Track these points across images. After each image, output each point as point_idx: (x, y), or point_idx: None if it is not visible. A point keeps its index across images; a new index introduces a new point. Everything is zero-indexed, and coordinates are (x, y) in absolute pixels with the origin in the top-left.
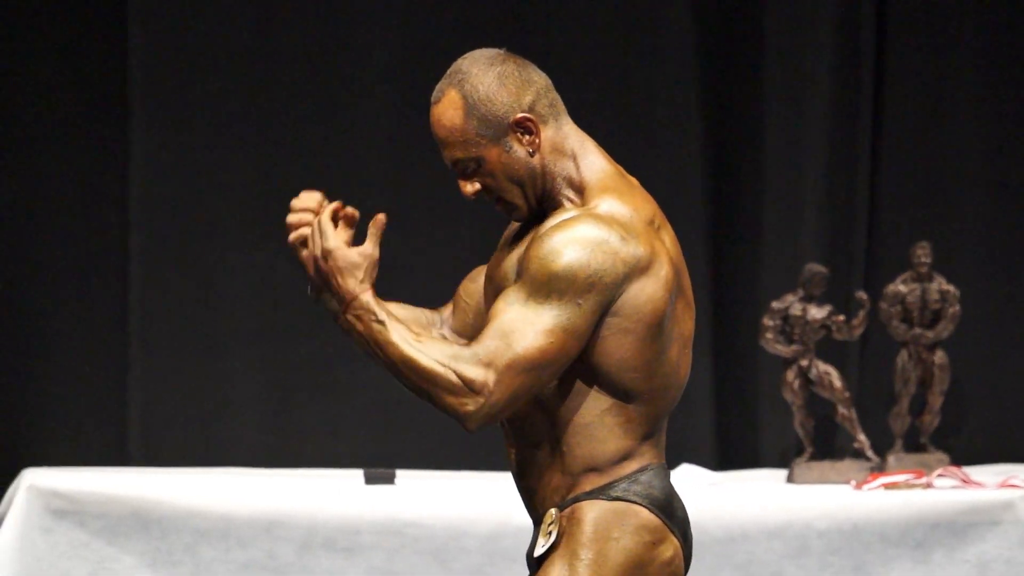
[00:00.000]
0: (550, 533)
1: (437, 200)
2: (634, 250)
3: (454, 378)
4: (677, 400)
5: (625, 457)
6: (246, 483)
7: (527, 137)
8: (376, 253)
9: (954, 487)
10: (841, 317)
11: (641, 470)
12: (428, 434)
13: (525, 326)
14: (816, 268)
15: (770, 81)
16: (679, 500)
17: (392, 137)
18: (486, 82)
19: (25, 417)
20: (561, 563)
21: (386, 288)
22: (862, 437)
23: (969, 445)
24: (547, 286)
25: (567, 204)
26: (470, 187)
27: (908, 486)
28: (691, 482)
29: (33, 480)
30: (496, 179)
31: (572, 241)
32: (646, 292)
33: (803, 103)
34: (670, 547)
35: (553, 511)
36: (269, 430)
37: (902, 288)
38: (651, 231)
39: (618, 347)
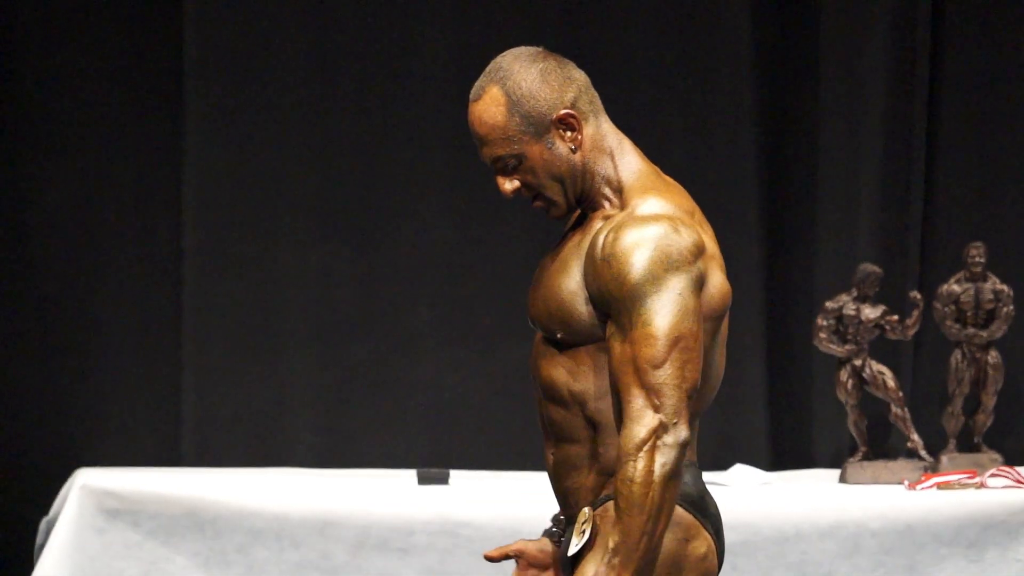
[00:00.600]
0: (584, 532)
1: (494, 199)
2: (689, 235)
3: (642, 456)
4: (712, 400)
5: None
6: (299, 483)
7: (569, 134)
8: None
9: (1007, 487)
10: (895, 317)
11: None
12: (481, 434)
13: (647, 341)
14: (870, 268)
15: (825, 82)
16: (711, 497)
17: (448, 136)
18: (528, 79)
19: (79, 417)
20: (596, 560)
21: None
22: (915, 437)
23: (1023, 445)
24: (638, 299)
25: (606, 205)
26: (509, 184)
27: (961, 486)
28: (744, 482)
29: (87, 480)
30: (537, 176)
31: (643, 241)
32: (713, 280)
33: (857, 104)
34: (703, 543)
35: (587, 510)
36: (322, 430)
37: (956, 288)
38: (694, 223)
39: None
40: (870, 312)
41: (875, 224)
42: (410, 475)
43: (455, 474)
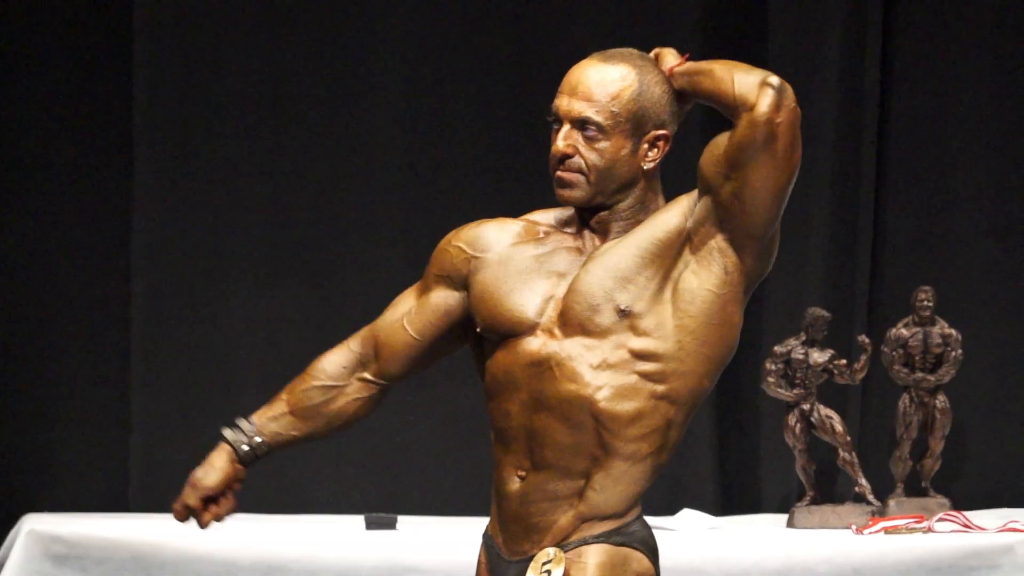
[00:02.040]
0: (548, 572)
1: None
2: None
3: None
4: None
5: (636, 503)
6: (247, 528)
7: (652, 153)
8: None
9: (955, 531)
10: (843, 361)
11: (639, 516)
12: (429, 480)
13: None
14: (818, 312)
15: None
16: None
17: (399, 180)
18: (660, 88)
19: (26, 462)
20: None
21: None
22: (863, 481)
23: (970, 489)
24: None
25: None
26: (564, 145)
27: (909, 530)
28: (692, 527)
29: (33, 525)
30: (600, 159)
31: None
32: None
33: (806, 147)
34: None
35: (551, 550)
36: (270, 475)
37: (904, 332)
38: None
39: (704, 364)
40: (818, 356)
41: (823, 268)
42: (358, 520)
43: (403, 519)
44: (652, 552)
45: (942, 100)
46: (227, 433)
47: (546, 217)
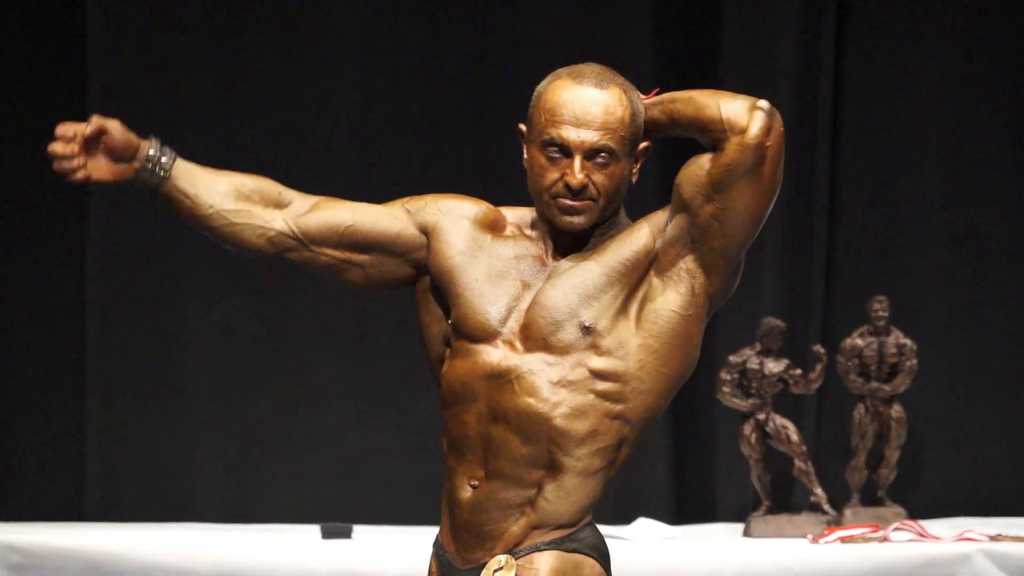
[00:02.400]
0: None
1: None
2: None
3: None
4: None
5: (588, 512)
6: (204, 538)
7: (636, 166)
8: None
9: (911, 540)
10: (798, 371)
11: (590, 523)
12: (385, 489)
13: None
14: (773, 322)
15: None
16: None
17: (351, 194)
18: (641, 105)
19: None
20: None
21: (346, 341)
22: (819, 491)
23: (926, 498)
24: None
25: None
26: (582, 175)
27: (865, 540)
28: (647, 536)
29: None
30: (612, 184)
31: None
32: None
33: None
34: None
35: (503, 557)
36: (228, 485)
37: (859, 342)
38: None
39: (660, 382)
40: (773, 366)
41: (778, 278)
42: (314, 529)
43: (358, 528)
44: (603, 558)
45: (896, 110)
46: (155, 143)
47: (512, 216)
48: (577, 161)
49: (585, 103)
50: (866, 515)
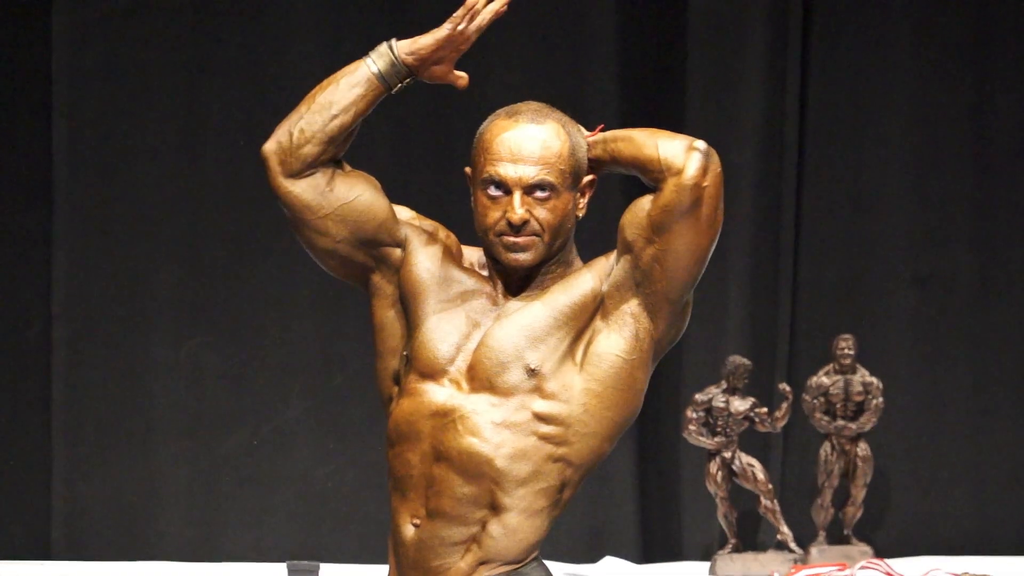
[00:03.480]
0: None
1: (362, 293)
2: None
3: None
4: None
5: (535, 549)
6: None
7: (583, 200)
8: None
9: None
10: (764, 409)
11: (536, 558)
12: (351, 527)
13: None
14: (739, 360)
15: None
16: None
17: None
18: (580, 137)
19: None
20: None
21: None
22: (785, 529)
23: (892, 537)
24: None
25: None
26: (523, 211)
27: None
28: (614, 575)
29: None
30: (554, 218)
31: None
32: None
33: (727, 194)
34: None
35: None
36: (192, 523)
37: (825, 380)
38: None
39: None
40: (739, 404)
41: (744, 316)
42: (280, 568)
43: (325, 567)
44: None
45: (861, 149)
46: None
47: (468, 254)
48: (517, 197)
49: (521, 139)
50: (832, 554)
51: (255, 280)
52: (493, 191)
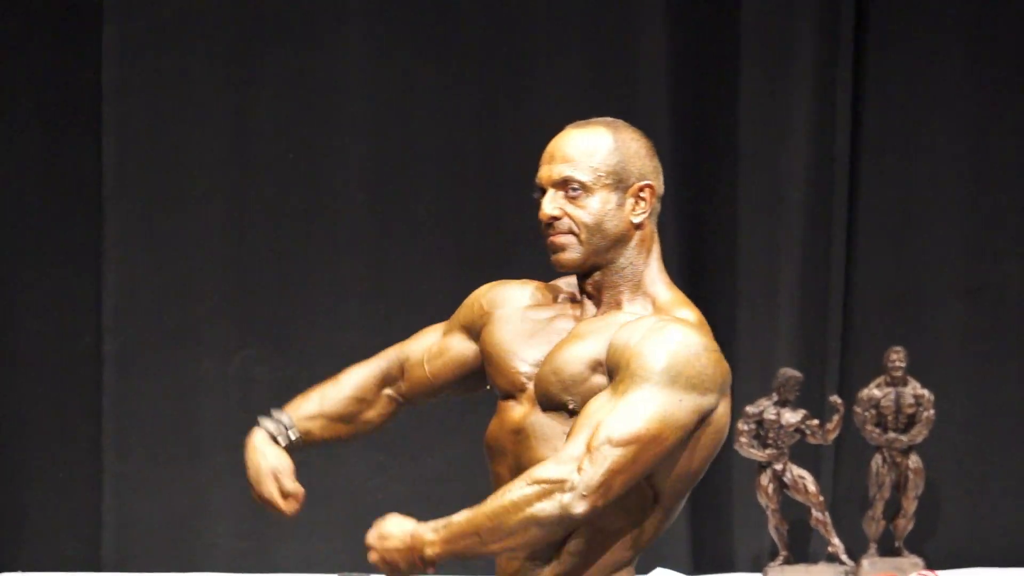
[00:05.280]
0: None
1: (413, 302)
2: (726, 367)
3: (536, 487)
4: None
5: (622, 568)
6: None
7: (640, 206)
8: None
9: None
10: (815, 421)
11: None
12: None
13: (621, 414)
14: (790, 372)
15: (744, 184)
16: None
17: (365, 240)
18: (637, 143)
19: (0, 522)
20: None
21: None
22: (836, 541)
23: (943, 549)
24: (647, 380)
25: (640, 300)
26: (551, 208)
27: None
28: None
29: None
30: (588, 216)
31: (677, 342)
32: (725, 409)
33: (778, 207)
34: None
35: None
36: (244, 535)
37: (876, 392)
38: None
39: (689, 456)
40: (790, 416)
41: (795, 328)
42: None
43: None
44: None
45: (912, 161)
46: (267, 424)
47: (567, 283)
48: (547, 195)
49: (558, 142)
50: (884, 565)
51: (304, 293)
52: (537, 196)
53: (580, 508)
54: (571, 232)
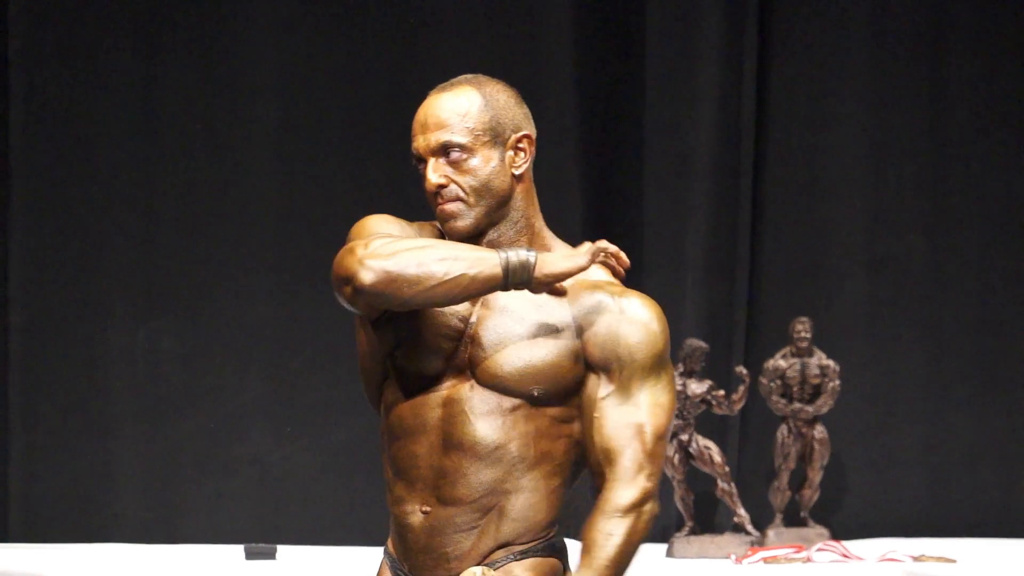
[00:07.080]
0: None
1: (320, 275)
2: None
3: (632, 515)
4: None
5: (555, 524)
6: (126, 558)
7: (520, 156)
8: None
9: (834, 561)
10: (721, 392)
11: (559, 533)
12: (309, 509)
13: (652, 410)
14: (696, 343)
15: (650, 156)
16: None
17: (273, 212)
18: (505, 95)
19: None
20: None
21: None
22: (742, 511)
23: (849, 519)
24: (656, 370)
25: (553, 242)
26: (436, 177)
27: (788, 560)
28: (570, 557)
29: None
30: (474, 179)
31: (656, 318)
32: None
33: (683, 179)
34: None
35: (478, 569)
36: (151, 506)
37: (782, 363)
38: None
39: None
40: (696, 387)
41: (701, 299)
42: (237, 550)
43: (282, 549)
44: (567, 562)
45: (817, 133)
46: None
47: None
48: (430, 164)
49: (428, 109)
50: (789, 536)
51: (212, 263)
52: (419, 167)
53: (658, 506)
54: (459, 199)
